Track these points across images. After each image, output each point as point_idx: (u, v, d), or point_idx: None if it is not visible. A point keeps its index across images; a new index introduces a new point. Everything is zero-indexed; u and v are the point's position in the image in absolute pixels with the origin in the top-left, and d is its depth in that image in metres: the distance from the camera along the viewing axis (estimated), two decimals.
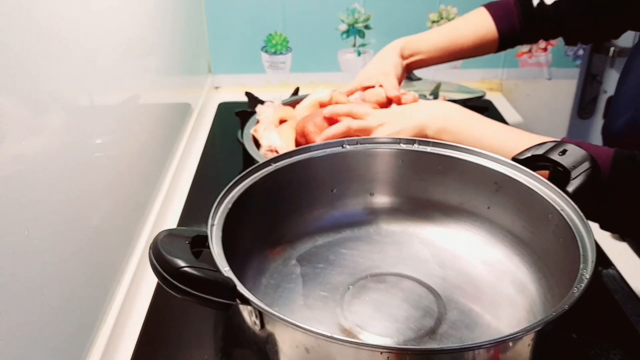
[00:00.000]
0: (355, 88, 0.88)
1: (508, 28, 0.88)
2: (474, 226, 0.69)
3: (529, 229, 0.63)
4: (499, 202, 0.66)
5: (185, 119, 1.10)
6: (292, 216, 0.67)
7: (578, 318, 0.61)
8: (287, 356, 0.45)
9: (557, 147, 0.60)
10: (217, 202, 0.56)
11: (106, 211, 0.65)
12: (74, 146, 0.58)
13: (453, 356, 0.42)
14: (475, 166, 0.66)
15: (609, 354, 0.58)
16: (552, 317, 0.43)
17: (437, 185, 0.69)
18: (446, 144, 0.68)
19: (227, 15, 1.26)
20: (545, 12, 0.87)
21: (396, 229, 0.70)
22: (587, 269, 0.49)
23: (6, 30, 0.45)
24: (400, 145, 0.69)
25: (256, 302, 0.44)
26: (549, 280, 0.60)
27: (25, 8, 0.49)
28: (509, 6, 0.89)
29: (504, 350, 0.43)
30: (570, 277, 0.50)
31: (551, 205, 0.58)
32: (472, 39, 0.89)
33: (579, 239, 0.53)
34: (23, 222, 0.47)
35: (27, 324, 0.47)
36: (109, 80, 0.71)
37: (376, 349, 0.41)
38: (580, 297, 0.45)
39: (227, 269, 0.47)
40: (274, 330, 0.45)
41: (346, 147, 0.68)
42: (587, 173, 0.57)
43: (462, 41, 0.89)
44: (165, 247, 0.45)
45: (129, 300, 0.67)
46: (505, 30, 0.88)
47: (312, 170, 0.67)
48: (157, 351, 0.60)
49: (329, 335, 0.42)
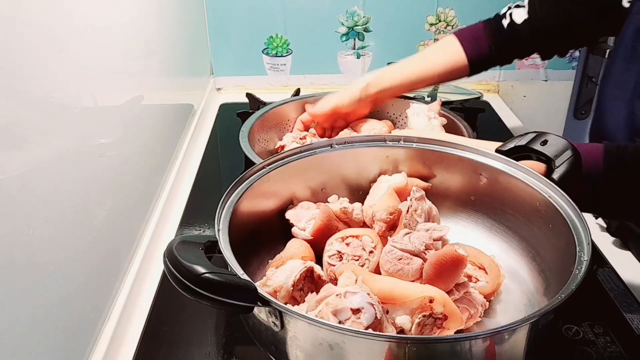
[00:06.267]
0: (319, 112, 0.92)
1: (477, 53, 0.89)
2: (462, 217, 0.71)
3: (518, 217, 0.65)
4: (485, 193, 0.68)
5: (188, 120, 1.11)
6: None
7: (573, 315, 0.63)
8: (310, 354, 0.47)
9: (539, 138, 0.62)
10: (220, 206, 0.58)
11: (109, 211, 0.66)
12: (78, 147, 0.59)
13: (452, 345, 0.43)
14: (460, 159, 0.68)
15: (605, 351, 0.59)
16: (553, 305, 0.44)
17: (424, 180, 0.71)
18: (431, 139, 0.70)
19: (229, 18, 1.27)
20: (517, 32, 0.87)
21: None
22: (584, 251, 0.50)
23: (9, 32, 0.46)
24: (387, 143, 0.71)
25: (278, 303, 0.46)
26: (541, 265, 0.62)
27: (28, 10, 0.50)
28: (478, 31, 0.90)
29: (500, 342, 0.44)
30: (565, 261, 0.51)
31: (537, 193, 0.60)
32: (442, 68, 0.90)
33: (569, 223, 0.54)
34: (27, 222, 0.47)
35: (32, 322, 0.48)
36: (113, 82, 0.72)
37: (402, 340, 0.44)
38: (581, 283, 0.46)
39: (242, 272, 0.49)
40: (295, 330, 0.46)
41: (335, 147, 0.70)
42: (570, 161, 0.59)
43: (432, 71, 0.90)
44: (182, 255, 0.46)
45: (132, 298, 0.68)
46: (474, 56, 0.89)
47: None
48: (159, 348, 0.61)
49: (356, 330, 0.43)
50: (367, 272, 0.58)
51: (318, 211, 0.66)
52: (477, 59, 0.89)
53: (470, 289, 0.58)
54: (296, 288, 0.57)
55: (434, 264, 0.55)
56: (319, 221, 0.65)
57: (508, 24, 0.87)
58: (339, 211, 0.68)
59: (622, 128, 0.75)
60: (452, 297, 0.54)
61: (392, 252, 0.57)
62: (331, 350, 0.45)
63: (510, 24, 0.87)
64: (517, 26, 0.87)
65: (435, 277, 0.55)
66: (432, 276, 0.55)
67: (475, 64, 0.89)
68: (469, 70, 0.90)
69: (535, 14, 0.86)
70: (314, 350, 0.46)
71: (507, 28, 0.87)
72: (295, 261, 0.59)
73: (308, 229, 0.66)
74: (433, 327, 0.52)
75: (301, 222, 0.67)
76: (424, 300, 0.51)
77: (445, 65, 0.90)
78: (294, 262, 0.59)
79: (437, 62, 0.90)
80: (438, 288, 0.53)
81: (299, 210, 0.69)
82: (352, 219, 0.69)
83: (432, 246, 0.59)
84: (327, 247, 0.63)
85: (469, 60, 0.89)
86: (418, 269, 0.56)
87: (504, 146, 0.65)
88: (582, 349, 0.59)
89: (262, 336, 0.51)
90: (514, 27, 0.87)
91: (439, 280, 0.55)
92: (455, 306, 0.52)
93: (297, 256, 0.61)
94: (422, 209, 0.65)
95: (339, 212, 0.68)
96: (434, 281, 0.55)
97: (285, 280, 0.56)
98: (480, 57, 0.89)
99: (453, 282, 0.56)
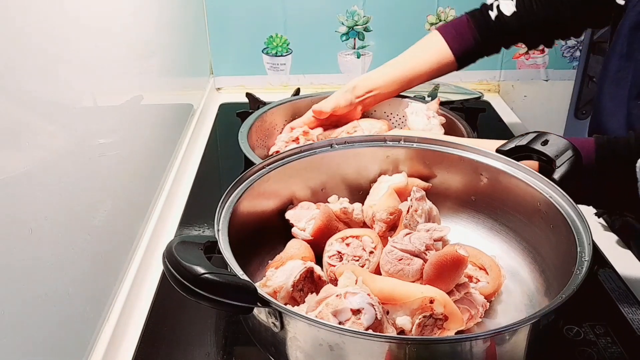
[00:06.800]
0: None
1: (462, 48, 0.89)
2: (462, 218, 0.71)
3: (519, 217, 0.65)
4: (486, 193, 0.68)
5: (187, 119, 1.11)
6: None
7: (574, 315, 0.62)
8: (309, 355, 0.47)
9: (539, 138, 0.62)
10: (220, 206, 0.58)
11: (109, 211, 0.66)
12: (77, 147, 0.59)
13: (452, 346, 0.43)
14: (460, 159, 0.68)
15: (606, 352, 0.59)
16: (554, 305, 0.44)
17: (424, 180, 0.71)
18: (431, 139, 0.70)
19: (229, 17, 1.27)
20: (506, 24, 0.88)
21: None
22: (585, 252, 0.50)
23: (9, 32, 0.46)
24: (387, 143, 0.70)
25: (278, 304, 0.46)
26: (542, 266, 0.61)
27: (28, 10, 0.49)
28: (461, 25, 0.90)
29: (500, 343, 0.44)
30: (566, 262, 0.51)
31: (538, 193, 0.60)
32: (429, 65, 0.90)
33: (570, 223, 0.54)
34: (26, 222, 0.47)
35: (30, 322, 0.48)
36: (113, 82, 0.72)
37: (403, 341, 0.44)
38: (582, 283, 0.46)
39: (242, 272, 0.48)
40: (295, 331, 0.46)
41: (335, 147, 0.70)
42: (571, 161, 0.59)
43: (418, 69, 0.91)
44: (182, 255, 0.46)
45: (131, 298, 0.68)
46: (460, 51, 0.89)
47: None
48: (159, 348, 0.61)
49: (356, 331, 0.43)
50: (367, 272, 0.57)
51: (318, 211, 0.66)
52: (463, 54, 0.90)
53: (470, 290, 0.57)
54: (296, 288, 0.57)
55: (435, 265, 0.54)
56: (319, 221, 0.65)
57: (496, 17, 0.88)
58: (339, 211, 0.68)
59: (620, 127, 0.75)
60: (452, 297, 0.54)
61: (393, 252, 0.57)
62: (331, 351, 0.45)
63: (498, 17, 0.88)
64: (505, 19, 0.87)
65: (435, 278, 0.55)
66: (432, 277, 0.55)
67: (461, 58, 0.90)
68: (456, 65, 0.91)
69: (524, 7, 0.87)
70: (314, 351, 0.46)
71: (495, 20, 0.88)
72: (295, 262, 0.59)
73: (308, 229, 0.66)
74: (433, 327, 0.51)
75: (301, 223, 0.67)
76: (424, 301, 0.51)
77: (432, 63, 0.90)
78: (294, 262, 0.59)
79: (424, 61, 0.90)
80: (438, 289, 0.53)
81: (299, 210, 0.68)
82: (352, 219, 0.69)
83: (433, 246, 0.58)
84: (327, 247, 0.63)
85: (455, 56, 0.89)
86: (418, 269, 0.56)
87: (504, 146, 0.65)
88: (583, 350, 0.59)
89: (262, 337, 0.51)
90: (502, 19, 0.88)
91: (439, 281, 0.54)
92: (456, 307, 0.52)
93: (297, 256, 0.61)
94: (422, 209, 0.65)
95: (339, 212, 0.68)
96: (434, 282, 0.54)
97: (285, 280, 0.56)
98: (465, 51, 0.90)
99: (454, 282, 0.55)
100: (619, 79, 0.75)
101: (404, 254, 0.57)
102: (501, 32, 0.89)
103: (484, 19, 0.89)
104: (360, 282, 0.54)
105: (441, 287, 0.53)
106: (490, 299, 0.60)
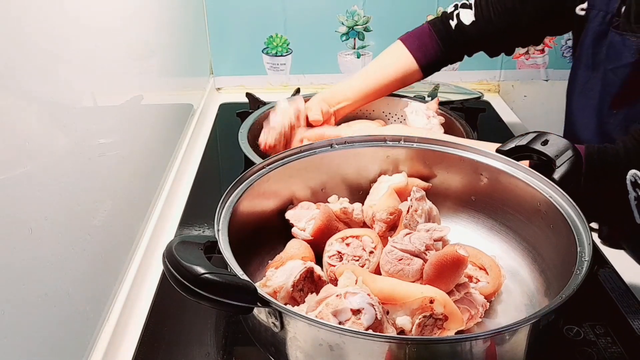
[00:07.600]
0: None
1: (426, 57, 0.90)
2: (462, 218, 0.71)
3: (519, 217, 0.65)
4: (486, 193, 0.68)
5: (187, 119, 1.11)
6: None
7: (574, 315, 0.62)
8: (309, 355, 0.47)
9: (539, 138, 0.62)
10: (220, 206, 0.58)
11: (109, 210, 0.66)
12: (78, 146, 0.59)
13: (452, 346, 0.43)
14: (460, 159, 0.68)
15: (606, 352, 0.59)
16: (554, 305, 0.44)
17: (424, 180, 0.71)
18: (431, 139, 0.70)
19: (229, 17, 1.27)
20: (465, 33, 0.88)
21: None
22: (585, 252, 0.50)
23: (9, 32, 0.46)
24: (387, 143, 0.70)
25: (278, 304, 0.46)
26: (542, 266, 0.61)
27: (28, 10, 0.49)
28: (423, 34, 0.91)
29: (500, 342, 0.44)
30: (566, 262, 0.51)
31: (538, 193, 0.60)
32: (394, 77, 0.91)
33: (570, 223, 0.54)
34: (26, 222, 0.47)
35: (30, 322, 0.48)
36: (112, 82, 0.72)
37: (403, 341, 0.44)
38: (582, 283, 0.46)
39: (242, 272, 0.48)
40: (295, 331, 0.46)
41: (335, 147, 0.70)
42: (571, 160, 0.59)
43: (384, 81, 0.92)
44: (182, 255, 0.46)
45: (131, 298, 0.68)
46: (423, 60, 0.90)
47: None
48: (159, 348, 0.61)
49: (356, 331, 0.43)
50: (367, 272, 0.57)
51: (318, 211, 0.66)
52: (427, 63, 0.91)
53: (470, 290, 0.57)
54: (296, 288, 0.57)
55: (435, 265, 0.54)
56: (319, 221, 0.65)
57: (456, 25, 0.89)
58: (339, 211, 0.68)
59: (593, 137, 0.75)
60: (452, 297, 0.54)
61: (393, 252, 0.57)
62: (331, 351, 0.45)
63: (458, 25, 0.89)
64: (464, 27, 0.88)
65: (435, 278, 0.55)
66: (432, 277, 0.55)
67: (425, 67, 0.91)
68: (421, 74, 0.92)
69: (482, 16, 0.87)
70: (314, 351, 0.46)
71: (455, 29, 0.89)
72: (295, 262, 0.59)
73: (308, 229, 0.66)
74: (433, 327, 0.51)
75: (301, 222, 0.67)
76: (424, 301, 0.51)
77: (397, 74, 0.92)
78: (294, 262, 0.59)
79: (389, 72, 0.92)
80: (438, 289, 0.53)
81: (299, 210, 0.68)
82: (352, 219, 0.69)
83: (433, 246, 0.58)
84: (327, 247, 0.63)
85: (419, 65, 0.91)
86: (418, 269, 0.56)
87: (504, 146, 0.65)
88: (583, 350, 0.59)
89: (262, 337, 0.51)
90: (462, 28, 0.88)
91: (439, 281, 0.54)
92: (456, 307, 0.52)
93: (297, 256, 0.61)
94: (422, 209, 0.65)
95: (339, 212, 0.68)
96: (434, 282, 0.54)
97: (285, 280, 0.56)
98: (429, 60, 0.91)
99: (453, 282, 0.55)
100: (587, 90, 0.76)
101: (404, 254, 0.57)
102: (462, 41, 0.90)
103: (444, 28, 0.90)
104: (360, 282, 0.54)
105: (441, 287, 0.53)
106: (490, 299, 0.60)
